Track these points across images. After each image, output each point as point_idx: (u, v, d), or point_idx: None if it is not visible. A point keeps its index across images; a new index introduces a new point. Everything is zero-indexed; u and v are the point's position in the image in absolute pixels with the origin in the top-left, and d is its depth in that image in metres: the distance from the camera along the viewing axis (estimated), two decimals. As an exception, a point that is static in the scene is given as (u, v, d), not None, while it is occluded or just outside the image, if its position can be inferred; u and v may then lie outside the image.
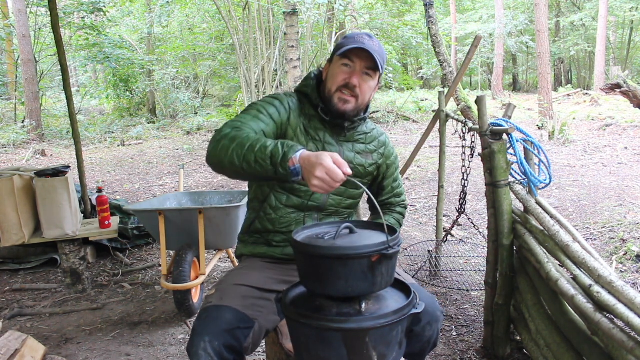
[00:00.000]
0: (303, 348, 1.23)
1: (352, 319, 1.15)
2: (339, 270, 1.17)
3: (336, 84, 1.54)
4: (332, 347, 1.16)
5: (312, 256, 1.19)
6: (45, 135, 11.47)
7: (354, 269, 1.17)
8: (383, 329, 1.15)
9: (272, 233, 1.65)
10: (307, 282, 1.27)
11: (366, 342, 1.15)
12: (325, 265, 1.18)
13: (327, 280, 1.19)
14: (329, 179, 1.16)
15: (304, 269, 1.26)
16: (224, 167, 1.34)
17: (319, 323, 1.16)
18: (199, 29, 14.87)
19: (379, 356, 1.17)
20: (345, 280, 1.18)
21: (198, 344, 1.32)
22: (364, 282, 1.19)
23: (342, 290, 1.19)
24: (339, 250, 1.17)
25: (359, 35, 1.53)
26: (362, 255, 1.16)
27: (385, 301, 1.25)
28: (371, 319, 1.15)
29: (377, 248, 1.18)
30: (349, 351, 1.15)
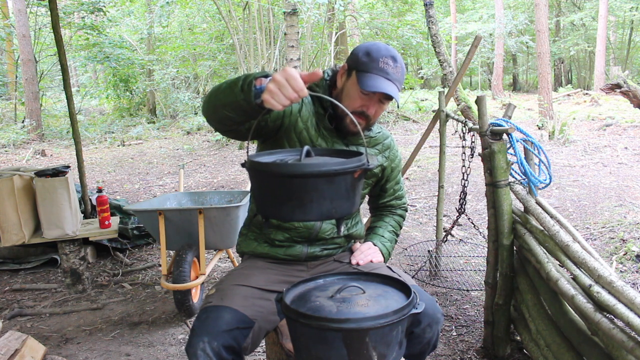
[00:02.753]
0: (303, 348, 1.22)
1: (352, 319, 1.14)
2: (326, 188, 1.11)
3: (351, 107, 1.49)
4: (332, 347, 1.16)
5: (294, 176, 1.10)
6: (45, 135, 11.48)
7: (340, 187, 1.12)
8: (383, 329, 1.15)
9: (273, 230, 1.64)
10: (282, 210, 1.16)
11: (366, 342, 1.14)
12: (311, 185, 1.10)
13: (310, 203, 1.11)
14: (286, 84, 1.12)
15: (280, 195, 1.15)
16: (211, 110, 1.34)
17: (319, 323, 1.15)
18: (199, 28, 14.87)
19: (379, 356, 1.17)
20: (330, 200, 1.13)
21: (197, 344, 1.31)
22: (346, 201, 1.15)
23: (326, 212, 1.14)
24: (327, 167, 1.10)
25: (384, 59, 1.45)
26: (347, 170, 1.12)
27: (385, 301, 1.25)
28: (371, 318, 1.14)
29: (360, 163, 1.14)
30: (349, 351, 1.15)
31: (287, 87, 1.12)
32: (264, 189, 1.19)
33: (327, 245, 1.68)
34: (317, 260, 1.68)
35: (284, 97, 1.13)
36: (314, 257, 1.66)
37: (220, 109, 1.31)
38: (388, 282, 1.37)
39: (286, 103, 1.14)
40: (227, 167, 7.81)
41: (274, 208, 1.18)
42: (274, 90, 1.13)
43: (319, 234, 1.63)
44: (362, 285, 1.29)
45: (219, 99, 1.30)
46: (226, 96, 1.27)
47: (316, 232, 1.63)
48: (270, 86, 1.13)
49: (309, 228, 1.62)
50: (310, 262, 1.67)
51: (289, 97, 1.13)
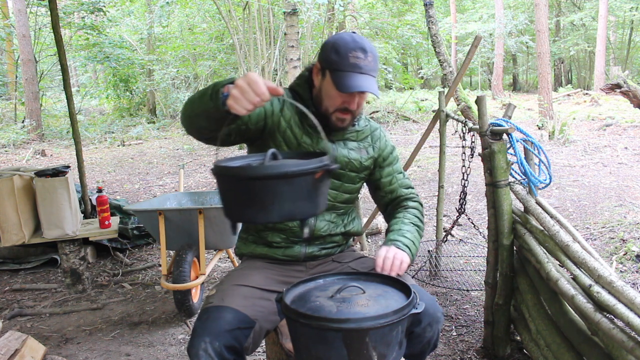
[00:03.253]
0: (303, 348, 1.22)
1: (352, 319, 1.14)
2: (286, 190, 1.12)
3: (333, 106, 1.51)
4: (332, 347, 1.15)
5: (255, 179, 1.12)
6: (45, 135, 11.48)
7: (301, 188, 1.13)
8: (383, 329, 1.15)
9: (270, 232, 1.64)
10: (246, 212, 1.18)
11: (366, 342, 1.14)
12: (272, 187, 1.12)
13: (271, 205, 1.13)
14: (249, 89, 1.14)
15: (241, 198, 1.16)
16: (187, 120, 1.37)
17: (319, 323, 1.15)
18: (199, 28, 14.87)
19: (379, 356, 1.17)
20: (292, 202, 1.14)
21: (198, 344, 1.31)
22: (308, 202, 1.16)
23: (288, 213, 1.15)
24: (286, 168, 1.11)
25: (353, 54, 1.43)
26: (308, 171, 1.13)
27: (385, 301, 1.25)
28: (371, 318, 1.14)
29: (321, 164, 1.15)
30: (349, 351, 1.15)
31: (250, 92, 1.15)
32: (227, 193, 1.21)
33: (326, 245, 1.68)
34: (315, 260, 1.68)
35: (247, 101, 1.15)
36: (313, 257, 1.66)
37: (194, 119, 1.34)
38: (388, 282, 1.37)
39: (250, 107, 1.16)
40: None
41: (238, 211, 1.20)
42: (237, 96, 1.16)
43: (315, 232, 1.63)
44: (362, 285, 1.29)
45: (193, 110, 1.33)
46: (198, 106, 1.30)
47: (311, 231, 1.63)
48: (234, 92, 1.16)
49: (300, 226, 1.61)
50: (309, 262, 1.68)
51: (252, 102, 1.15)
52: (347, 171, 1.64)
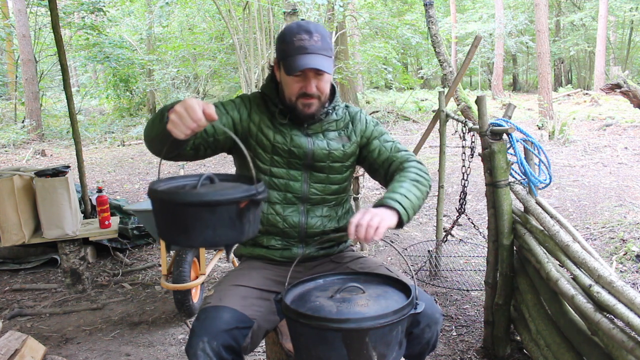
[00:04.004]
0: (303, 348, 1.22)
1: (352, 319, 1.14)
2: (207, 217, 1.15)
3: (294, 94, 1.51)
4: (332, 347, 1.16)
5: (177, 204, 1.15)
6: (45, 135, 11.47)
7: (223, 216, 1.15)
8: (383, 329, 1.15)
9: (265, 236, 1.64)
10: (170, 234, 1.21)
11: (366, 342, 1.14)
12: (192, 214, 1.15)
13: (193, 230, 1.16)
14: (185, 114, 1.18)
15: (166, 220, 1.20)
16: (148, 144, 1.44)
17: (319, 323, 1.15)
18: (199, 28, 14.86)
19: (379, 356, 1.17)
20: (212, 229, 1.16)
21: (196, 344, 1.32)
22: (232, 230, 1.18)
23: (210, 240, 1.17)
24: (207, 197, 1.14)
25: (298, 37, 1.44)
26: (231, 201, 1.15)
27: (385, 301, 1.25)
28: (371, 318, 1.15)
29: (246, 194, 1.17)
30: (349, 351, 1.15)
31: (187, 117, 1.19)
32: (156, 213, 1.25)
33: (323, 244, 1.67)
34: (314, 261, 1.68)
35: (184, 126, 1.20)
36: (311, 258, 1.66)
37: (151, 142, 1.42)
38: (388, 282, 1.37)
39: (187, 132, 1.21)
40: (227, 167, 7.81)
41: (164, 231, 1.23)
42: (175, 121, 1.20)
43: (308, 230, 1.62)
44: (361, 285, 1.29)
45: (149, 134, 1.41)
46: (151, 130, 1.39)
47: (304, 230, 1.61)
48: (172, 117, 1.21)
49: (293, 227, 1.61)
50: (308, 263, 1.67)
51: (189, 127, 1.20)
52: (329, 163, 1.62)
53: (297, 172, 1.60)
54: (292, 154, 1.58)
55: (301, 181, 1.60)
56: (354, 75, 12.00)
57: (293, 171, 1.59)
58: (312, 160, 1.59)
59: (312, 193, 1.61)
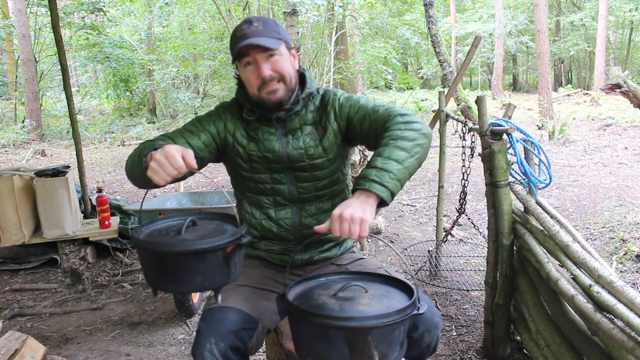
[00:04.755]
0: (304, 346, 1.23)
1: (355, 317, 1.14)
2: (196, 265, 1.18)
3: (254, 86, 1.48)
4: (334, 345, 1.15)
5: (165, 254, 1.18)
6: (45, 135, 11.47)
7: (211, 262, 1.19)
8: (385, 329, 1.15)
9: (263, 241, 1.63)
10: (160, 282, 1.24)
11: (368, 341, 1.14)
12: (182, 262, 1.17)
13: (184, 278, 1.19)
14: (166, 162, 1.21)
15: (155, 269, 1.23)
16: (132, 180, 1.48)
17: (321, 320, 1.15)
18: (199, 28, 14.86)
19: (381, 356, 1.17)
20: (202, 275, 1.20)
21: (204, 345, 1.31)
22: (220, 274, 1.22)
23: (200, 285, 1.21)
24: (195, 245, 1.17)
25: (239, 29, 1.46)
26: (218, 247, 1.19)
27: (388, 300, 1.25)
28: (374, 317, 1.14)
29: (232, 239, 1.21)
30: (350, 350, 1.15)
31: (167, 165, 1.22)
32: (144, 262, 1.28)
33: (323, 246, 1.65)
34: (314, 265, 1.66)
35: (164, 174, 1.23)
36: (311, 262, 1.64)
37: (134, 181, 1.46)
38: (390, 282, 1.37)
39: (167, 179, 1.24)
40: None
41: (153, 279, 1.26)
42: (156, 168, 1.23)
43: (303, 231, 1.59)
44: (364, 285, 1.29)
45: (130, 173, 1.46)
46: (132, 171, 1.44)
47: (299, 233, 1.59)
48: (152, 165, 1.24)
49: (288, 230, 1.58)
50: (308, 267, 1.66)
51: (169, 174, 1.23)
52: (309, 161, 1.53)
53: (280, 175, 1.56)
54: (268, 160, 1.54)
55: (287, 183, 1.56)
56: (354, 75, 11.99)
57: (276, 175, 1.56)
58: (290, 163, 1.54)
59: (300, 193, 1.56)
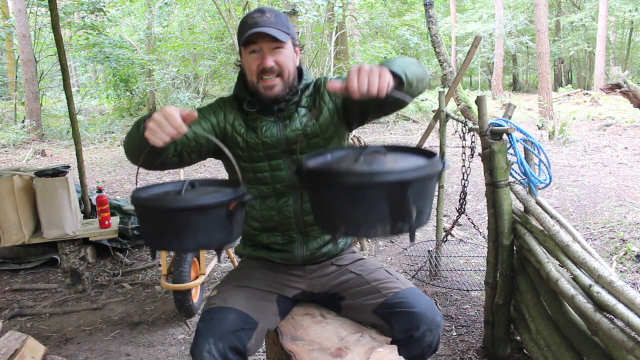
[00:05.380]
0: (339, 214, 1.12)
1: (394, 171, 1.06)
2: (200, 221, 1.17)
3: (253, 74, 1.48)
4: (373, 206, 1.07)
5: (168, 211, 1.17)
6: (45, 135, 11.47)
7: (214, 219, 1.18)
8: (423, 182, 1.09)
9: (265, 234, 1.62)
10: (162, 241, 1.23)
11: (407, 197, 1.07)
12: (185, 218, 1.17)
13: (187, 235, 1.18)
14: (164, 121, 1.19)
15: (157, 227, 1.21)
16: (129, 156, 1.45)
17: (359, 179, 1.05)
18: (199, 28, 14.86)
19: (418, 212, 1.11)
20: (205, 232, 1.19)
21: (202, 345, 1.31)
22: (222, 232, 1.21)
23: (203, 243, 1.20)
24: (200, 201, 1.17)
25: (250, 17, 1.46)
26: (221, 203, 1.18)
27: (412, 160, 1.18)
28: (412, 170, 1.07)
29: (235, 195, 1.21)
30: (390, 207, 1.07)
31: (166, 124, 1.19)
32: (144, 222, 1.26)
33: (323, 237, 1.64)
34: (314, 265, 1.66)
35: (163, 133, 1.20)
36: (312, 258, 1.63)
37: (132, 154, 1.41)
38: (406, 150, 1.28)
39: (166, 139, 1.21)
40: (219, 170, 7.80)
41: (154, 239, 1.24)
42: (154, 128, 1.20)
43: (304, 217, 1.58)
44: (381, 150, 1.20)
45: (128, 146, 1.42)
46: (131, 142, 1.39)
47: (301, 220, 1.58)
48: (150, 125, 1.21)
49: (289, 217, 1.57)
50: (308, 267, 1.65)
51: (168, 134, 1.20)
52: (307, 141, 1.55)
53: (278, 161, 1.55)
54: (266, 145, 1.54)
55: (285, 168, 1.56)
56: (354, 75, 11.97)
57: (274, 161, 1.55)
58: (288, 145, 1.55)
59: None
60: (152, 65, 13.87)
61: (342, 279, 1.62)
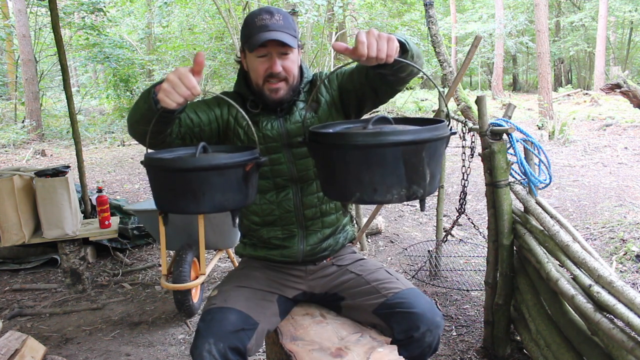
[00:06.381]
0: (353, 179, 1.09)
1: (410, 131, 1.05)
2: (217, 181, 1.16)
3: (260, 77, 1.49)
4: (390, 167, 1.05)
5: (186, 170, 1.15)
6: (45, 135, 11.47)
7: (231, 179, 1.18)
8: (436, 143, 1.09)
9: (265, 228, 1.62)
10: (177, 203, 1.19)
11: (422, 157, 1.06)
12: (203, 178, 1.15)
13: (203, 196, 1.16)
14: (179, 82, 1.16)
15: (173, 190, 1.19)
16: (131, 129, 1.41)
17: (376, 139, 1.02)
18: (199, 28, 14.86)
19: (431, 175, 1.10)
20: (222, 193, 1.17)
21: (202, 345, 1.31)
22: (238, 193, 1.20)
23: (219, 204, 1.18)
24: (217, 160, 1.16)
25: (259, 18, 1.44)
26: (239, 163, 1.18)
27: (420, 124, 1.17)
28: (427, 130, 1.05)
29: (251, 157, 1.21)
30: (407, 168, 1.05)
31: (180, 85, 1.16)
32: (160, 184, 1.23)
33: (324, 231, 1.63)
34: (315, 264, 1.66)
35: (177, 94, 1.17)
36: (312, 254, 1.63)
37: (136, 126, 1.37)
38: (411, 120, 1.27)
39: (180, 100, 1.18)
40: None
41: (169, 202, 1.22)
42: (168, 89, 1.17)
43: (305, 211, 1.58)
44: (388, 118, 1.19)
45: (133, 117, 1.37)
46: (136, 112, 1.34)
47: (301, 213, 1.59)
48: (164, 85, 1.18)
49: (289, 211, 1.58)
50: (309, 267, 1.65)
51: (182, 95, 1.17)
52: None
53: (279, 154, 1.56)
54: (267, 139, 1.55)
55: (285, 162, 1.56)
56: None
57: (274, 155, 1.56)
58: (288, 138, 1.55)
59: (299, 170, 1.57)
60: (152, 65, 13.87)
61: (342, 279, 1.63)
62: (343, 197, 1.14)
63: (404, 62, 1.20)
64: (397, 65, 1.23)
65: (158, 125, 1.29)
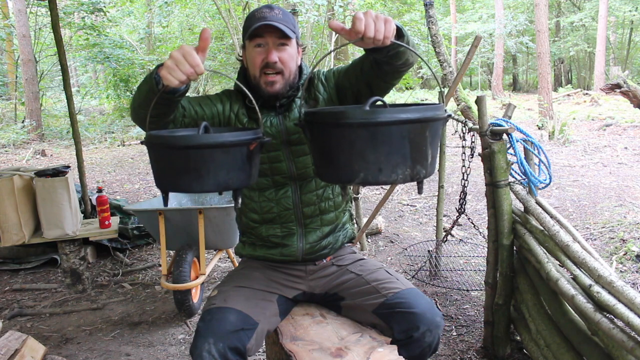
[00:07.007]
0: (358, 158, 1.07)
1: (414, 110, 1.04)
2: (221, 159, 1.15)
3: (256, 67, 1.49)
4: (396, 146, 1.04)
5: (190, 148, 1.14)
6: (45, 135, 11.47)
7: (235, 157, 1.17)
8: (437, 123, 1.08)
9: (264, 226, 1.62)
10: (181, 182, 1.18)
11: (426, 137, 1.06)
12: (207, 156, 1.14)
13: (207, 174, 1.15)
14: (182, 59, 1.14)
15: (177, 168, 1.17)
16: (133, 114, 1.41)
17: (385, 116, 1.01)
18: (199, 28, 14.86)
19: (432, 156, 1.10)
20: (226, 171, 1.16)
21: (202, 345, 1.31)
22: (242, 172, 1.19)
23: (223, 183, 1.17)
24: (222, 138, 1.15)
25: (259, 11, 1.47)
26: (243, 142, 1.17)
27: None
28: (430, 109, 1.05)
29: (255, 136, 1.20)
30: (412, 147, 1.04)
31: (184, 62, 1.15)
32: (162, 163, 1.22)
33: (322, 227, 1.63)
34: (315, 264, 1.66)
35: (180, 72, 1.15)
36: (312, 252, 1.63)
37: (138, 110, 1.36)
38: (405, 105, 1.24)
39: (182, 78, 1.16)
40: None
41: (172, 180, 1.21)
42: (171, 66, 1.15)
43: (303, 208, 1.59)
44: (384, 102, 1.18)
45: (135, 101, 1.37)
46: (138, 96, 1.33)
47: (300, 211, 1.59)
48: (168, 62, 1.16)
49: (288, 208, 1.58)
50: (309, 267, 1.65)
51: (185, 72, 1.15)
52: None
53: (278, 152, 1.56)
54: (266, 135, 1.53)
55: (284, 160, 1.57)
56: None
57: (273, 153, 1.56)
58: (287, 135, 1.56)
59: (298, 168, 1.57)
60: (152, 66, 13.85)
61: (342, 279, 1.63)
62: (346, 178, 1.11)
63: (400, 46, 1.21)
64: (392, 51, 1.23)
65: (159, 107, 1.28)
